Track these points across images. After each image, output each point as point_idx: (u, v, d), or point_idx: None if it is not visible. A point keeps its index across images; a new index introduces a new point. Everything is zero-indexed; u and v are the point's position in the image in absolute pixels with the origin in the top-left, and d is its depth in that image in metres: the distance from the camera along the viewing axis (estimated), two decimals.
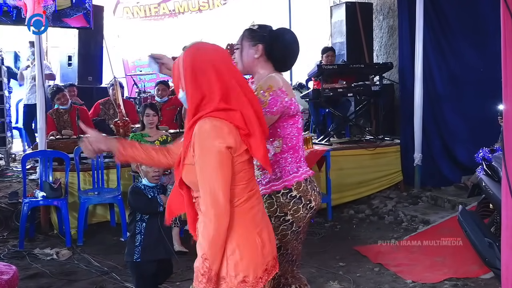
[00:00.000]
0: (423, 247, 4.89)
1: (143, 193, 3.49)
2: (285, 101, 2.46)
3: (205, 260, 1.90)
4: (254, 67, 2.59)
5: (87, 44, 8.71)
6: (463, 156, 6.58)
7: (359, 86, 7.15)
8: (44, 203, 5.31)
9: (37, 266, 4.62)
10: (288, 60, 2.61)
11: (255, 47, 2.56)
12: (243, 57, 2.59)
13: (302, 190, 2.48)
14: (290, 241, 2.51)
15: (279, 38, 2.55)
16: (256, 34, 2.57)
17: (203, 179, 1.89)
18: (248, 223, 1.99)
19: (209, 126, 1.90)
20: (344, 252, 4.90)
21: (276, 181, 2.49)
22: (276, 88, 2.45)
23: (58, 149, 5.75)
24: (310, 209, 2.50)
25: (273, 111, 2.43)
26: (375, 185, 6.77)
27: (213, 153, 1.87)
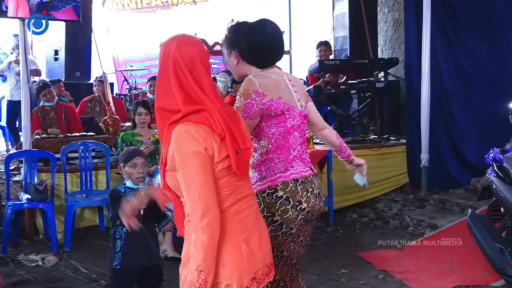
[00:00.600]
0: (430, 253, 4.91)
1: (120, 196, 3.44)
2: (262, 102, 2.48)
3: (201, 272, 1.91)
4: (242, 73, 2.64)
5: (74, 38, 8.71)
6: (473, 157, 6.59)
7: (363, 82, 7.16)
8: (29, 206, 5.29)
9: (21, 273, 4.59)
10: (268, 55, 2.63)
11: (232, 55, 2.63)
12: (228, 66, 2.70)
13: (289, 190, 2.49)
14: (283, 243, 2.52)
15: (252, 36, 2.57)
16: (229, 40, 2.63)
17: (189, 187, 1.92)
18: (234, 228, 2.01)
19: (185, 132, 1.93)
20: (347, 259, 4.90)
21: (261, 181, 2.53)
22: (251, 91, 2.47)
23: (44, 148, 5.73)
24: (301, 211, 2.50)
25: (250, 115, 2.47)
26: (379, 188, 6.77)
27: (193, 160, 1.91)
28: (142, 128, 5.46)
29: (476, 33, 6.71)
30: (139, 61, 11.37)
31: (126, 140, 5.39)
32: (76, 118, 6.66)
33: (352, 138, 7.44)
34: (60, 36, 8.68)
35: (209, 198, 1.91)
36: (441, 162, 6.81)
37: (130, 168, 3.50)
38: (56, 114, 6.50)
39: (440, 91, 6.81)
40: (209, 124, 1.95)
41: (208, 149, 1.93)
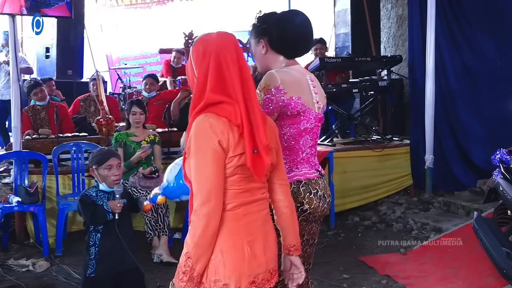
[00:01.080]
0: (435, 257, 4.92)
1: (91, 201, 3.39)
2: (281, 99, 2.50)
3: (188, 258, 1.97)
4: (267, 64, 2.66)
5: (66, 35, 8.72)
6: (479, 158, 6.59)
7: (365, 81, 7.17)
8: (19, 209, 5.29)
9: (11, 279, 4.60)
10: (298, 45, 2.64)
11: (260, 43, 2.65)
12: (255, 57, 2.70)
13: (291, 191, 2.49)
14: None
15: (282, 26, 2.59)
16: (258, 28, 2.64)
17: (196, 176, 2.00)
18: (239, 229, 2.05)
19: (204, 123, 2.00)
20: (349, 263, 4.91)
21: None
22: (272, 86, 2.49)
23: (35, 149, 5.74)
24: (302, 212, 2.55)
25: (268, 111, 2.48)
26: (382, 190, 6.79)
27: (207, 151, 1.98)
28: (137, 128, 5.47)
29: (483, 29, 6.71)
30: (133, 59, 11.39)
31: (120, 140, 5.40)
32: (68, 118, 6.66)
33: (354, 139, 7.47)
34: (51, 33, 8.67)
35: (214, 188, 1.97)
36: (446, 164, 6.81)
37: (104, 170, 3.38)
38: (47, 113, 6.50)
39: (445, 90, 6.81)
40: (229, 116, 2.01)
41: (223, 142, 1.99)
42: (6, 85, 8.04)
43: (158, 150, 5.52)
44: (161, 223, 5.08)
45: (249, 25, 2.79)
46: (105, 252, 3.34)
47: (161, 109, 6.76)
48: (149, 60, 11.72)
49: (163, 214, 5.12)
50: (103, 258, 3.34)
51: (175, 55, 8.83)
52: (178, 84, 8.04)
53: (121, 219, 3.35)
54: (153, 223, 5.06)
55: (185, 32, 9.75)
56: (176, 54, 8.85)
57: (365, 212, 6.48)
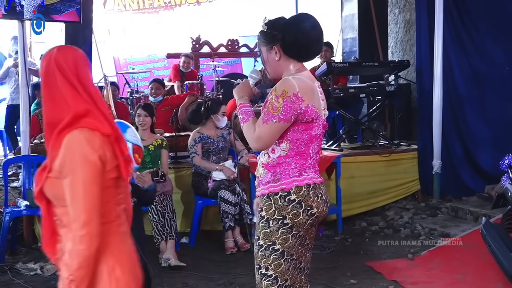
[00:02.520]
0: (443, 263, 4.90)
1: None
2: (300, 107, 2.53)
3: (71, 281, 1.90)
4: (280, 70, 2.68)
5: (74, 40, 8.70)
6: (487, 164, 6.58)
7: (373, 86, 7.17)
8: (28, 212, 5.32)
9: (20, 282, 4.63)
10: (309, 48, 2.66)
11: (273, 50, 2.65)
12: (267, 64, 2.71)
13: (302, 194, 2.57)
14: (293, 246, 2.60)
15: (295, 30, 2.60)
16: (269, 35, 2.64)
17: (76, 195, 1.91)
18: (121, 240, 2.05)
19: (80, 139, 1.93)
20: (356, 268, 4.91)
21: (275, 183, 2.60)
22: (290, 93, 2.51)
23: (43, 154, 5.74)
24: (311, 216, 2.59)
25: (287, 117, 2.51)
26: (390, 195, 6.78)
27: (85, 167, 1.91)
28: (144, 131, 5.49)
29: (491, 34, 6.71)
30: (140, 63, 11.42)
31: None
32: None
33: (361, 144, 7.47)
34: (59, 37, 8.72)
35: (94, 209, 1.90)
36: (454, 169, 6.79)
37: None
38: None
39: (453, 95, 6.80)
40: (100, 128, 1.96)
41: (102, 156, 1.94)
42: (16, 90, 8.09)
43: (165, 155, 5.54)
44: (168, 228, 5.10)
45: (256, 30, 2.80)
46: None
47: (168, 115, 6.79)
48: (156, 65, 11.75)
49: (169, 218, 5.14)
50: None
51: (184, 60, 8.87)
52: (185, 88, 8.07)
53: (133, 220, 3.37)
54: (160, 227, 5.08)
55: (193, 36, 9.82)
56: (185, 59, 8.89)
57: (372, 217, 6.47)
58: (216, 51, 9.89)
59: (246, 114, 2.66)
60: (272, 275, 2.60)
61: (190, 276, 4.77)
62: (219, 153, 5.77)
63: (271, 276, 2.60)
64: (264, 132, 2.55)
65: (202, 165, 5.66)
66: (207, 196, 5.60)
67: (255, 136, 2.57)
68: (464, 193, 6.65)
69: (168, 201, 5.25)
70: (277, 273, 2.59)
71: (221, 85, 8.55)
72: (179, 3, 12.21)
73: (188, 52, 9.19)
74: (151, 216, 5.10)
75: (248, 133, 2.62)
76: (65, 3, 5.62)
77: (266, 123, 2.54)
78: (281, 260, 2.59)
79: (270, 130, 2.54)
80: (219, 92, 8.29)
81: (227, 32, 10.74)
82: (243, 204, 5.47)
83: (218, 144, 5.77)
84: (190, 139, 5.78)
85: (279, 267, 2.59)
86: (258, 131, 2.56)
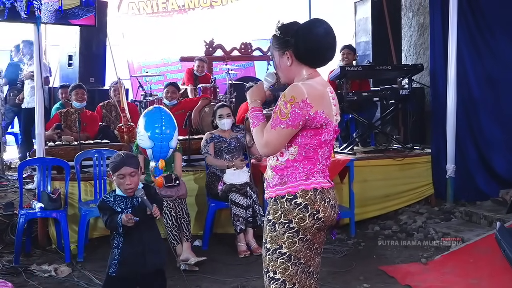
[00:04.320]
0: (457, 267, 4.87)
1: (108, 207, 3.45)
2: (308, 113, 2.52)
3: None
4: (292, 75, 2.68)
5: (89, 43, 8.81)
6: (502, 168, 6.54)
7: (386, 89, 7.15)
8: (42, 215, 5.35)
9: (34, 284, 4.66)
10: (325, 55, 2.65)
11: (285, 55, 2.65)
12: (279, 68, 2.71)
13: (308, 198, 2.56)
14: (300, 250, 2.60)
15: (306, 36, 2.59)
16: (281, 40, 2.64)
17: None
18: None
19: None
20: (369, 272, 4.89)
21: (281, 186, 2.60)
22: (299, 99, 2.51)
23: (58, 156, 5.80)
24: (317, 220, 2.58)
25: (295, 123, 2.51)
26: (403, 199, 6.76)
27: None
28: None
29: (506, 38, 6.68)
30: (154, 66, 11.48)
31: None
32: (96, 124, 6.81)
33: (374, 147, 7.44)
34: (74, 41, 8.78)
35: None
36: (468, 173, 6.76)
37: (117, 178, 3.42)
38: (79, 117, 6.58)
39: (467, 99, 6.77)
40: None
41: None
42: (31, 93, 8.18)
43: (178, 158, 5.56)
44: (185, 231, 5.12)
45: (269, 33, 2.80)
46: (127, 254, 3.40)
47: (182, 118, 6.81)
48: (170, 68, 11.81)
49: (186, 223, 5.16)
50: (124, 260, 3.40)
51: (199, 64, 8.90)
52: (198, 92, 8.09)
53: (145, 223, 3.40)
54: (176, 232, 5.10)
55: (206, 40, 9.85)
56: (200, 62, 8.92)
57: (385, 221, 6.45)
58: (229, 54, 9.92)
59: (256, 118, 2.67)
60: (280, 278, 2.59)
61: (203, 279, 4.77)
62: (232, 151, 5.79)
63: (278, 280, 2.59)
64: (272, 137, 2.55)
65: (213, 163, 5.74)
66: (219, 198, 5.62)
67: (263, 142, 2.58)
68: (478, 198, 6.62)
69: (183, 205, 5.25)
70: (284, 276, 2.58)
71: (234, 89, 8.57)
72: (193, 7, 12.27)
73: (202, 56, 9.22)
74: (165, 221, 5.11)
75: (257, 138, 2.62)
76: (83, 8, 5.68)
77: (274, 128, 2.54)
78: (288, 263, 2.58)
79: (278, 136, 2.54)
80: (232, 95, 8.31)
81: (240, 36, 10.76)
82: (256, 207, 5.47)
83: (231, 143, 5.80)
84: (203, 140, 5.90)
85: (287, 271, 2.58)
86: (266, 137, 2.57)
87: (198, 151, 6.28)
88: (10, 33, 9.63)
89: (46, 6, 5.51)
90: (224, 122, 5.82)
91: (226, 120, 5.81)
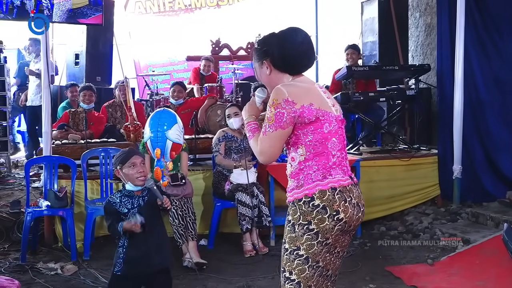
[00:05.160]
0: (463, 269, 4.85)
1: (113, 210, 3.44)
2: (293, 110, 2.52)
3: None
4: (274, 83, 2.69)
5: (96, 42, 8.83)
6: (509, 169, 6.51)
7: (393, 90, 7.13)
8: (49, 213, 5.37)
9: (40, 281, 4.67)
10: (300, 62, 2.69)
11: (264, 65, 2.72)
12: (261, 79, 2.78)
13: (326, 199, 2.51)
14: (319, 253, 2.54)
15: (283, 44, 2.66)
16: (259, 51, 2.73)
17: None
18: None
19: None
20: (375, 273, 4.88)
21: (298, 189, 2.58)
22: (280, 100, 2.53)
23: (64, 154, 5.82)
24: (338, 221, 2.52)
25: (281, 124, 2.53)
26: (409, 200, 6.73)
27: None
28: None
29: None
30: (160, 66, 11.49)
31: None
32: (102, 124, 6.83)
33: (380, 148, 7.42)
34: (81, 39, 8.79)
35: None
36: (474, 174, 6.73)
37: (128, 168, 3.45)
38: (86, 116, 6.62)
39: (474, 100, 6.74)
40: None
41: None
42: (35, 91, 8.20)
43: (185, 157, 5.55)
44: (191, 230, 5.12)
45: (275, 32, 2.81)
46: (131, 254, 3.41)
47: (188, 117, 6.81)
48: (176, 67, 11.80)
49: (191, 221, 5.16)
50: (129, 260, 3.41)
51: (205, 63, 8.90)
52: (205, 91, 8.09)
53: (151, 222, 3.40)
54: (182, 231, 5.10)
55: (212, 39, 9.85)
56: (206, 62, 8.92)
57: (391, 221, 6.43)
58: (236, 54, 9.91)
59: (252, 131, 2.72)
60: (295, 279, 2.55)
61: (209, 278, 4.77)
62: (241, 152, 5.78)
63: (294, 281, 2.56)
64: (265, 143, 2.58)
65: (222, 163, 5.74)
66: (225, 197, 5.62)
67: (259, 150, 2.61)
68: (485, 199, 6.59)
69: (189, 204, 5.26)
70: (300, 278, 2.54)
71: (240, 88, 8.56)
72: (199, 6, 12.26)
73: (208, 55, 9.22)
74: (171, 220, 5.11)
75: (254, 148, 2.67)
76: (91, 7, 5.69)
77: (265, 134, 2.57)
78: (305, 266, 2.54)
79: (270, 140, 2.56)
80: (238, 95, 8.30)
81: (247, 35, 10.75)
82: (262, 207, 5.47)
83: (242, 143, 5.80)
84: (215, 137, 5.91)
85: (303, 273, 2.54)
86: (260, 144, 2.60)
87: (204, 150, 6.28)
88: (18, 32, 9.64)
89: (57, 5, 5.52)
90: (232, 121, 5.82)
91: (234, 119, 5.81)
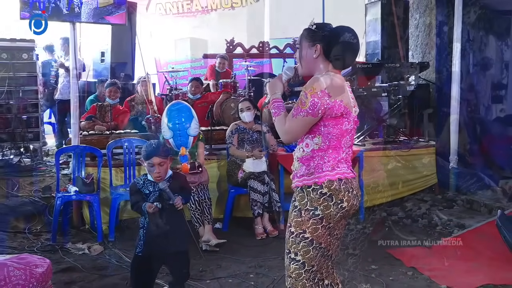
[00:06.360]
0: (458, 252, 4.83)
1: (137, 190, 3.50)
2: (327, 102, 2.51)
3: None
4: (313, 67, 2.66)
5: (120, 41, 8.82)
6: (502, 160, 6.46)
7: (394, 85, 7.08)
8: (77, 198, 5.41)
9: (70, 260, 4.71)
10: (346, 58, 2.65)
11: (314, 47, 2.64)
12: (302, 58, 2.69)
13: (333, 189, 2.55)
14: (322, 236, 2.60)
15: (338, 37, 2.60)
16: (315, 34, 2.64)
17: None
18: None
19: None
20: (377, 255, 4.86)
21: (308, 176, 2.59)
22: (318, 90, 2.50)
23: (91, 144, 5.84)
24: (341, 209, 2.58)
25: (314, 112, 2.50)
26: (408, 188, 6.72)
27: None
28: None
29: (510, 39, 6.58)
30: (179, 63, 11.48)
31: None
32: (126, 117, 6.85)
33: (382, 139, 7.39)
34: (106, 38, 8.79)
35: None
36: (469, 164, 6.70)
37: (148, 165, 3.47)
38: (112, 110, 6.67)
39: (470, 94, 6.69)
40: None
41: None
42: (65, 85, 8.21)
43: (201, 147, 5.55)
44: (207, 214, 5.13)
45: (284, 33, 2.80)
46: (151, 235, 3.43)
47: (204, 110, 6.82)
48: (194, 64, 11.79)
49: (207, 206, 5.18)
50: (149, 240, 3.43)
51: (220, 61, 8.91)
52: (220, 86, 8.08)
53: (169, 207, 3.41)
54: (198, 215, 5.12)
55: (227, 38, 9.82)
56: (221, 60, 8.93)
57: (392, 207, 6.41)
58: (248, 52, 9.88)
59: (278, 108, 2.65)
60: (300, 260, 2.60)
61: (223, 258, 4.78)
62: (253, 143, 5.79)
63: (299, 261, 2.60)
64: (293, 125, 2.55)
65: (235, 154, 5.75)
66: (238, 184, 5.62)
67: (285, 129, 2.58)
68: (479, 187, 6.54)
69: (205, 191, 5.26)
70: (305, 259, 2.59)
71: (252, 84, 8.54)
72: (215, 8, 12.24)
73: (223, 53, 9.24)
74: (189, 205, 5.12)
75: (279, 126, 2.61)
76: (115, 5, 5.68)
77: (295, 117, 2.54)
78: (310, 247, 2.59)
79: (299, 124, 2.54)
80: (250, 90, 8.29)
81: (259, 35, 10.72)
82: (272, 193, 5.47)
83: (253, 135, 5.80)
84: (228, 130, 5.92)
85: (308, 254, 2.59)
86: (288, 124, 2.56)
87: (220, 141, 6.27)
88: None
89: (86, 4, 5.51)
90: (245, 115, 5.82)
91: (246, 113, 5.81)
